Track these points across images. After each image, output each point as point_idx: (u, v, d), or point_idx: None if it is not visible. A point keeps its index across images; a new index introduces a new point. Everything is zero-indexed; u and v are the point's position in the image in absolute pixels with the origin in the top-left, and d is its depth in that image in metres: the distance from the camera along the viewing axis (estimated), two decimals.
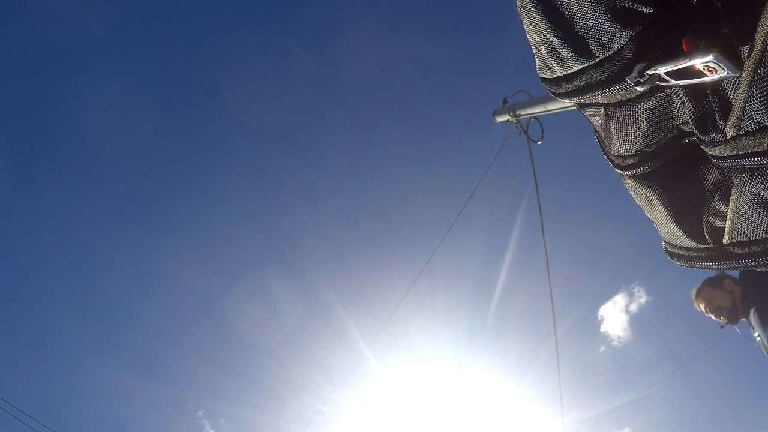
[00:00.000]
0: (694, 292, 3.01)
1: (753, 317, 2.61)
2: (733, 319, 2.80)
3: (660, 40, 0.50)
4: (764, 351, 2.63)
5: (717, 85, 0.51)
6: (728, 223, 0.60)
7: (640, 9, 0.49)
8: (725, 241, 0.62)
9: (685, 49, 0.49)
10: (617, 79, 0.55)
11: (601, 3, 0.50)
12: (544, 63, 0.63)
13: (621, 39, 0.52)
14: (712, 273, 2.82)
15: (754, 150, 0.50)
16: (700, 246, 0.67)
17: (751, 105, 0.47)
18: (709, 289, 2.90)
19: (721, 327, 2.89)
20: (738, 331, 2.88)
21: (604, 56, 0.54)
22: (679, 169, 0.64)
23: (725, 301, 2.81)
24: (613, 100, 0.61)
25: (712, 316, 2.91)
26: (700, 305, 2.96)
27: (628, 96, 0.59)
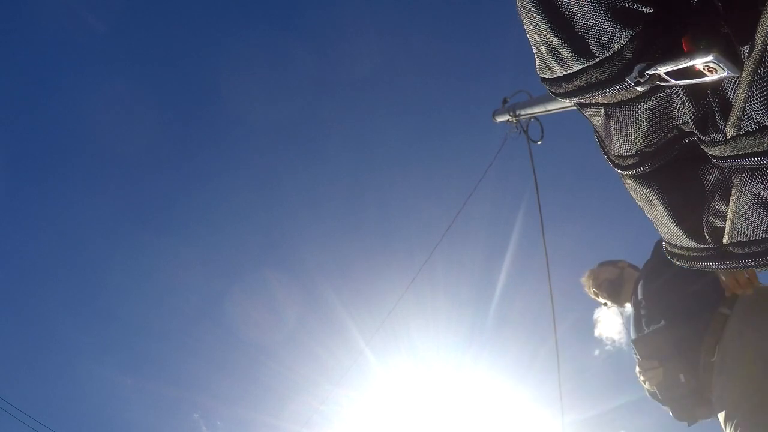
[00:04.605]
0: (587, 272, 2.60)
1: (639, 289, 2.21)
2: (615, 295, 2.41)
3: (660, 40, 0.50)
4: (630, 332, 2.20)
5: (717, 85, 0.51)
6: (728, 223, 0.60)
7: (640, 9, 0.49)
8: (725, 241, 0.62)
9: (685, 49, 0.49)
10: (617, 79, 0.55)
11: (601, 3, 0.51)
12: (545, 63, 0.63)
13: (621, 39, 0.52)
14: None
15: (754, 150, 0.50)
16: (701, 246, 0.67)
17: (751, 105, 0.47)
18: (602, 266, 2.54)
19: (605, 305, 2.49)
20: (622, 318, 2.46)
21: (604, 56, 0.54)
22: (679, 169, 0.64)
23: (611, 275, 2.46)
24: (614, 100, 0.61)
25: (596, 294, 2.52)
26: (589, 283, 2.56)
27: (629, 96, 0.59)
